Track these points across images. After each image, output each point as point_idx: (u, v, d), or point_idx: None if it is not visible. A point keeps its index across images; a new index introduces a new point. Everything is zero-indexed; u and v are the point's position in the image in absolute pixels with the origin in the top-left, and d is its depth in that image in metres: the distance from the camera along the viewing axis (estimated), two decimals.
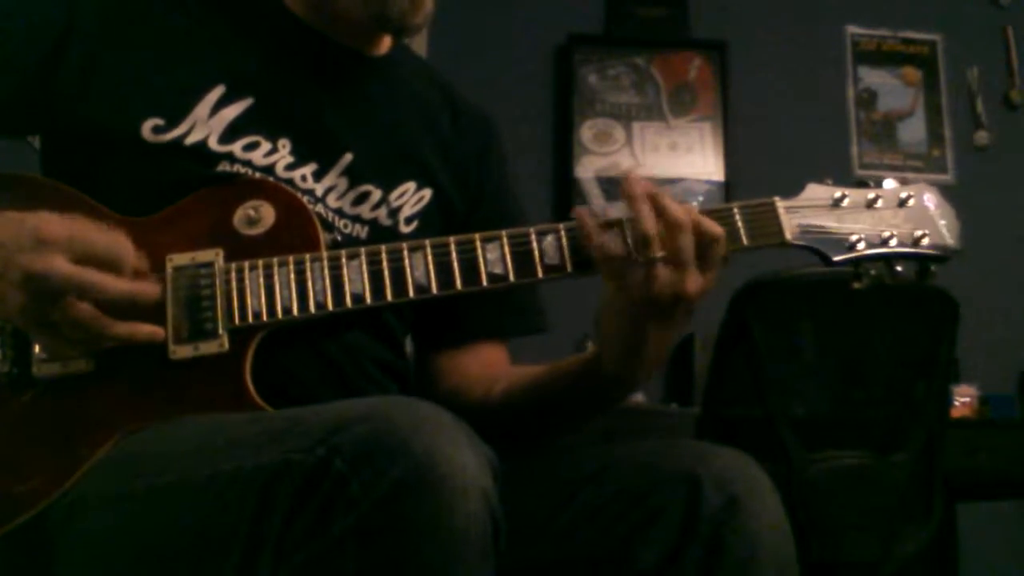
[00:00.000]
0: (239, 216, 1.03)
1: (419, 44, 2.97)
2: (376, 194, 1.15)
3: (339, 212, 1.12)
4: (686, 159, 3.28)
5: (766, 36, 3.40)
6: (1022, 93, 3.45)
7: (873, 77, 3.45)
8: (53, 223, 0.90)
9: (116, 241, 0.93)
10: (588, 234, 1.00)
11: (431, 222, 1.18)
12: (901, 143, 3.41)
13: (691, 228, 0.96)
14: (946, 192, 1.10)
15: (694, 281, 0.97)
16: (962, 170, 3.37)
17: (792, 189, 1.07)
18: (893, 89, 3.45)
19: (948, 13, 3.47)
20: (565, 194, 3.22)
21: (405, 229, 1.16)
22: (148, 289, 0.94)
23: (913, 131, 3.42)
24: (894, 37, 3.48)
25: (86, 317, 0.91)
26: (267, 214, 1.03)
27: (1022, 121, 3.45)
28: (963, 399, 2.76)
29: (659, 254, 0.96)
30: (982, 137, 3.41)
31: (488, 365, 1.23)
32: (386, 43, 1.23)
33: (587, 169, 3.25)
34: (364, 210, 1.14)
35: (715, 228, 0.97)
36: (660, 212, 0.97)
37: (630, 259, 0.97)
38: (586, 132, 3.28)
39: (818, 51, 3.43)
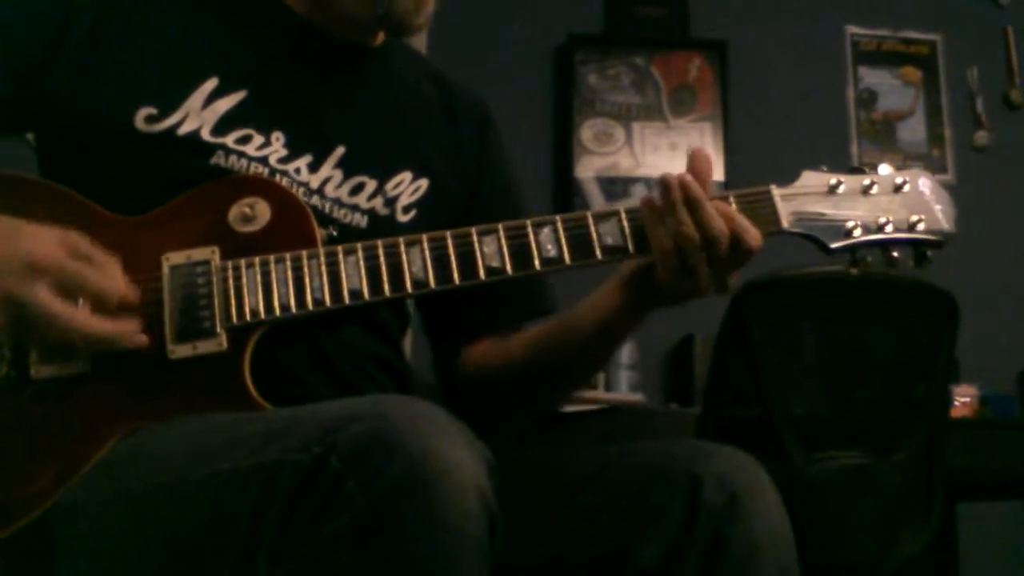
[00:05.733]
0: (234, 213, 1.03)
1: (419, 44, 2.97)
2: (371, 185, 1.15)
3: (337, 202, 1.12)
4: (686, 159, 3.28)
5: (766, 36, 3.40)
6: (1022, 93, 3.45)
7: (873, 77, 3.44)
8: (47, 249, 0.91)
9: (102, 275, 0.94)
10: (653, 221, 1.02)
11: (429, 211, 1.18)
12: (901, 143, 3.41)
13: (729, 240, 1.00)
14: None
15: (731, 278, 1.03)
16: (962, 170, 3.37)
17: None
18: (893, 89, 3.44)
19: (948, 13, 3.46)
20: (565, 194, 3.21)
21: (403, 218, 1.16)
22: (126, 328, 0.95)
23: (913, 131, 3.42)
24: (894, 37, 3.47)
25: (59, 343, 0.92)
26: (263, 211, 1.03)
27: (1022, 121, 3.44)
28: (963, 399, 2.75)
29: (702, 256, 1.00)
30: (982, 137, 3.41)
31: (502, 340, 1.24)
32: (380, 36, 1.23)
33: (587, 169, 3.24)
34: (361, 200, 1.14)
35: (754, 241, 1.01)
36: (699, 224, 0.99)
37: (680, 252, 1.00)
38: (586, 132, 3.28)
39: (818, 51, 3.42)
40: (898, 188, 1.06)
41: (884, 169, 1.07)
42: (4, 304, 0.89)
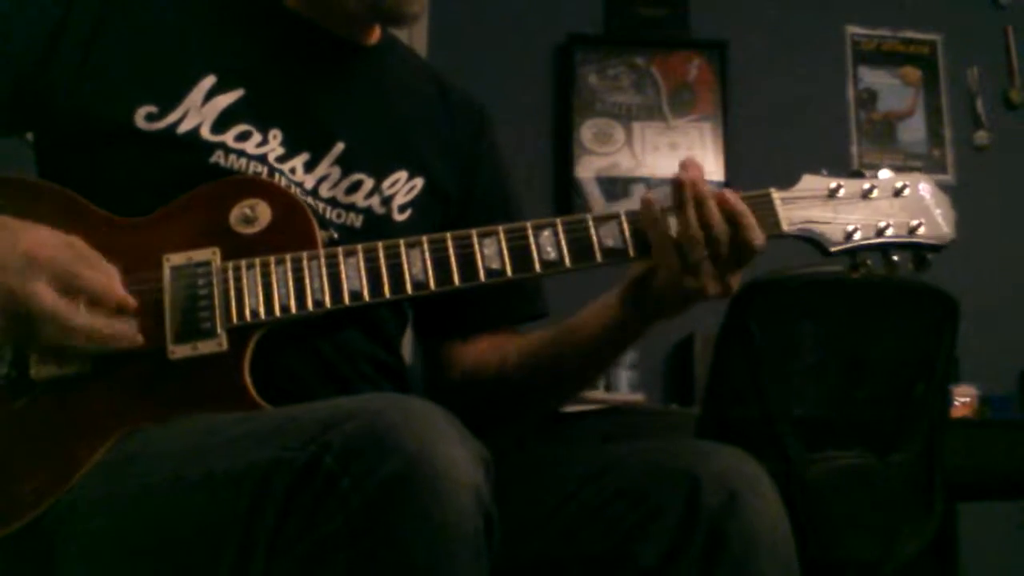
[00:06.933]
0: (235, 215, 1.03)
1: (419, 44, 2.97)
2: (368, 183, 1.15)
3: (332, 202, 1.12)
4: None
5: (766, 36, 3.40)
6: (1022, 93, 3.45)
7: (873, 77, 3.44)
8: (46, 248, 0.92)
9: (102, 277, 0.94)
10: (653, 220, 1.01)
11: (425, 210, 1.18)
12: (901, 143, 3.41)
13: (729, 236, 1.00)
14: (946, 192, 1.09)
15: (735, 279, 1.03)
16: (962, 170, 3.37)
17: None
18: (893, 89, 3.44)
19: (948, 13, 3.46)
20: (565, 194, 3.21)
21: (399, 218, 1.16)
22: (123, 329, 0.95)
23: (913, 131, 3.42)
24: (894, 37, 3.47)
25: (58, 340, 0.92)
26: (263, 212, 1.03)
27: (1022, 121, 3.44)
28: (963, 399, 2.75)
29: (704, 254, 0.99)
30: (982, 137, 3.41)
31: (498, 345, 1.23)
32: (376, 33, 1.23)
33: (587, 169, 3.24)
34: (357, 199, 1.14)
35: (757, 240, 1.00)
36: (703, 221, 0.99)
37: (682, 251, 1.00)
38: (586, 132, 3.28)
39: (818, 51, 3.43)
40: (898, 192, 1.06)
41: (884, 173, 1.07)
42: (4, 301, 0.90)
